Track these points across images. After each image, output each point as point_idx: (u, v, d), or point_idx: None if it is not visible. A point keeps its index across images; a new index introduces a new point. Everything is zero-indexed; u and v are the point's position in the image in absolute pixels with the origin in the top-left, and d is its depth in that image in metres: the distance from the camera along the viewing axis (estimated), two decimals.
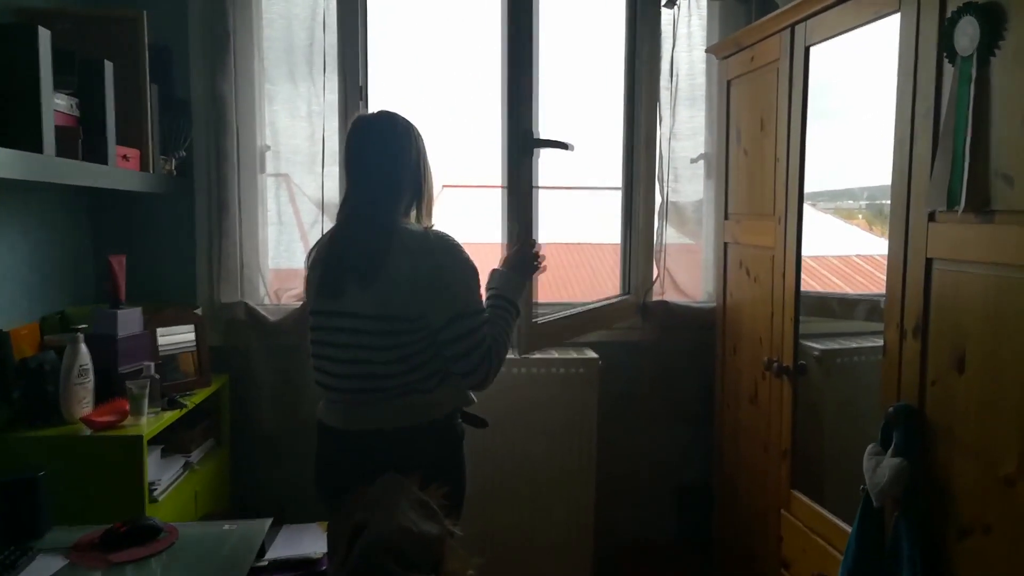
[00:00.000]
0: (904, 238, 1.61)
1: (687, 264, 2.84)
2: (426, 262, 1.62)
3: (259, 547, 1.69)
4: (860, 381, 2.27)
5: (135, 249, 2.46)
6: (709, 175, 2.80)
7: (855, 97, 2.36)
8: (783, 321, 2.18)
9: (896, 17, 1.65)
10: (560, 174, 2.37)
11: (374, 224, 1.67)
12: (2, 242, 2.05)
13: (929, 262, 1.54)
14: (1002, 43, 1.36)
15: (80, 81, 1.95)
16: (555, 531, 2.56)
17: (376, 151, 1.70)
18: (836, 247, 3.01)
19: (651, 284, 2.76)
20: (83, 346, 1.97)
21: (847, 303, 2.47)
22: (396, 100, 3.34)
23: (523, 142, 2.05)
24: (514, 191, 2.07)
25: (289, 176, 2.65)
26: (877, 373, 1.73)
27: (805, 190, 2.10)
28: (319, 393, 1.76)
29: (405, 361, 1.64)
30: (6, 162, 1.56)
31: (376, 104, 2.63)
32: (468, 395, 1.77)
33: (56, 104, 1.80)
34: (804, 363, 2.16)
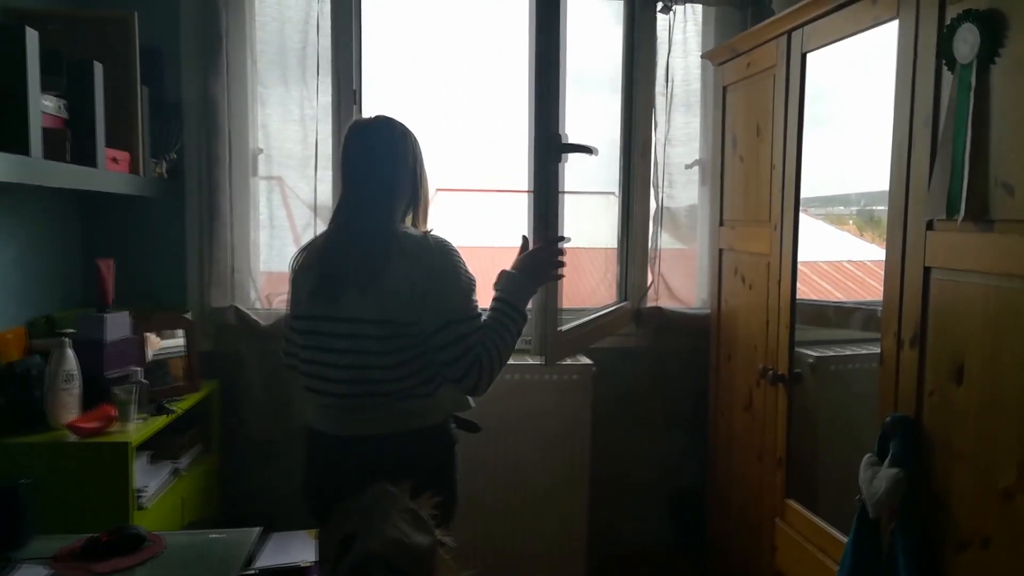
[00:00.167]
0: (902, 246, 1.59)
1: (681, 270, 2.83)
2: (424, 265, 1.61)
3: (247, 556, 1.66)
4: (855, 389, 2.26)
5: (125, 253, 2.43)
6: (704, 181, 2.79)
7: (851, 104, 2.35)
8: (778, 328, 2.17)
9: (894, 24, 1.64)
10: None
11: (373, 229, 1.65)
12: None
13: (927, 271, 1.53)
14: (1003, 51, 1.35)
15: (69, 82, 1.93)
16: (548, 539, 2.53)
17: (373, 156, 1.69)
18: (827, 253, 3.00)
19: (645, 290, 2.75)
20: (70, 351, 1.94)
21: (843, 311, 2.46)
22: (390, 103, 3.31)
23: (549, 146, 1.94)
24: (541, 194, 1.95)
25: (283, 179, 2.62)
26: (873, 381, 1.72)
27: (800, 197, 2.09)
28: (308, 398, 1.73)
29: (405, 365, 1.62)
30: None
31: (369, 107, 2.61)
32: (466, 400, 1.75)
33: (44, 106, 1.78)
34: (799, 371, 2.14)
